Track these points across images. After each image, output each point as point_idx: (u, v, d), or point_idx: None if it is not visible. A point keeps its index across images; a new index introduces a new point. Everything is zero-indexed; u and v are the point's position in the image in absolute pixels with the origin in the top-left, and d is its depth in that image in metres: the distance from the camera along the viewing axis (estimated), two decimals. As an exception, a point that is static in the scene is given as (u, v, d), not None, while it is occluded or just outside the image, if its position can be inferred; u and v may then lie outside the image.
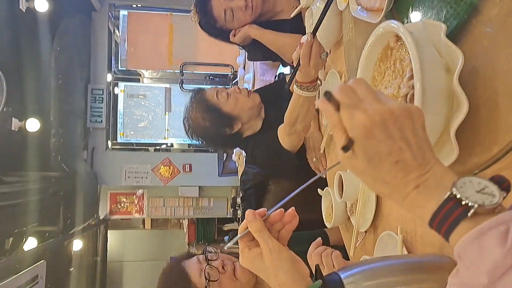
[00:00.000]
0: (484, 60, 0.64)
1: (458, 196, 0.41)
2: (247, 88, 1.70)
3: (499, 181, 0.42)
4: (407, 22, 0.81)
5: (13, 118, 2.97)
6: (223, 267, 1.10)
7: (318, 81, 1.25)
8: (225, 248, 1.07)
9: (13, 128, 2.96)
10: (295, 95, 1.27)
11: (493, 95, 0.62)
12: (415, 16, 0.79)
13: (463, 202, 0.41)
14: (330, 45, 1.39)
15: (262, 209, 0.63)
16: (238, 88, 1.65)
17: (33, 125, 3.09)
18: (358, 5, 0.98)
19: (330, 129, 0.51)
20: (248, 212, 0.61)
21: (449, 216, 0.42)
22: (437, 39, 0.66)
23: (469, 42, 0.66)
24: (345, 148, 0.46)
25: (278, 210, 0.62)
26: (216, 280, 1.08)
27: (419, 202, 0.45)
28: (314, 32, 1.11)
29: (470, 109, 0.62)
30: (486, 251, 0.38)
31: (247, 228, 0.61)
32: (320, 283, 0.61)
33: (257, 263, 0.61)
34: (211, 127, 1.63)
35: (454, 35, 0.67)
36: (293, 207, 0.64)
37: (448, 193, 0.42)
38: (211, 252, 1.12)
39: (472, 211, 0.40)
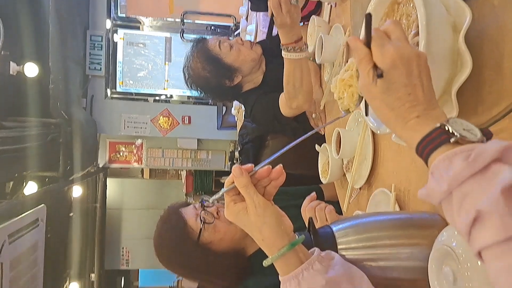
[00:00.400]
0: (492, 20, 0.62)
1: (446, 126, 0.49)
2: (250, 41, 1.66)
3: (485, 133, 0.49)
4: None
5: (11, 62, 2.92)
6: (217, 213, 1.13)
7: (305, 45, 1.24)
8: (210, 201, 1.10)
9: (11, 73, 2.93)
10: (286, 63, 1.26)
11: (498, 56, 0.61)
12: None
13: (449, 131, 0.49)
14: (336, -2, 1.35)
15: (249, 164, 0.63)
16: (241, 40, 1.62)
17: (31, 70, 3.04)
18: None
19: (357, 62, 0.58)
20: (235, 167, 0.62)
21: (435, 140, 0.50)
22: (447, -5, 0.64)
23: (479, 0, 0.64)
24: (379, 76, 0.54)
25: (266, 166, 0.63)
26: (211, 223, 1.11)
27: (415, 128, 0.52)
28: None
29: (474, 70, 0.61)
30: (452, 165, 0.45)
31: (233, 182, 0.62)
32: (303, 238, 0.63)
33: (242, 217, 0.63)
34: (211, 77, 1.60)
35: (464, -8, 0.65)
36: (281, 164, 0.64)
37: (439, 124, 0.50)
38: (207, 201, 1.15)
39: (454, 139, 0.48)
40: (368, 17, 0.56)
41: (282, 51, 1.23)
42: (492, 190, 0.41)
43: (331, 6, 1.49)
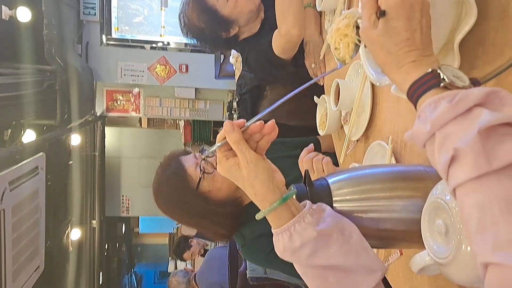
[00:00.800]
0: (503, -35, 0.59)
1: (438, 71, 0.51)
2: None
3: (474, 81, 0.51)
4: None
5: (2, 6, 2.83)
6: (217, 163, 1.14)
7: None
8: (203, 157, 1.10)
9: (3, 17, 2.84)
10: None
11: (505, 5, 0.58)
12: None
13: (440, 76, 0.51)
14: None
15: (241, 120, 0.63)
16: None
17: (24, 14, 2.95)
18: None
19: (361, 5, 0.58)
20: (226, 123, 0.62)
21: (426, 83, 0.51)
22: None
23: None
24: (382, 14, 0.55)
25: (258, 122, 0.62)
26: (210, 173, 1.12)
27: (409, 72, 0.54)
28: None
29: (478, 19, 0.59)
30: (437, 108, 0.47)
31: (225, 138, 0.62)
32: (294, 192, 0.63)
33: (234, 172, 0.63)
34: (206, 28, 1.56)
35: None
36: (273, 120, 0.64)
37: (431, 69, 0.52)
38: (206, 150, 1.16)
39: (443, 83, 0.50)
40: None
41: None
42: (471, 131, 0.42)
43: None
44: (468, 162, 0.42)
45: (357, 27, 0.65)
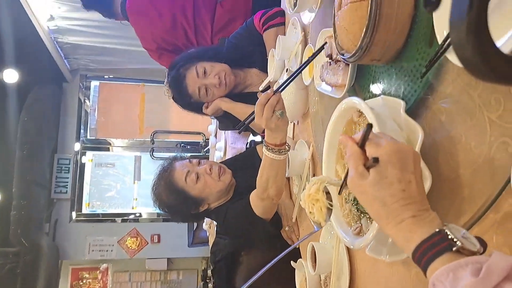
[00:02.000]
0: (442, 133, 0.66)
1: (447, 232, 0.47)
2: (220, 166, 1.61)
3: (480, 241, 0.48)
4: (369, 97, 0.85)
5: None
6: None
7: (286, 146, 1.25)
8: None
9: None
10: (264, 157, 1.27)
11: (455, 166, 0.64)
12: (376, 91, 0.83)
13: (450, 237, 0.47)
14: (298, 117, 1.43)
15: None
16: (210, 169, 1.58)
17: (-8, 197, 2.95)
18: (322, 81, 1.02)
19: (346, 158, 0.57)
20: None
21: (436, 246, 0.47)
22: (398, 114, 0.68)
23: (428, 117, 0.69)
24: (375, 161, 0.53)
25: None
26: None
27: (411, 229, 0.50)
28: (275, 90, 1.09)
29: (434, 182, 0.63)
30: (459, 279, 0.42)
31: None
32: None
33: None
34: (176, 206, 1.60)
35: (413, 110, 0.71)
36: None
37: (438, 229, 0.48)
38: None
39: (456, 247, 0.46)
40: (369, 127, 0.56)
41: (264, 148, 1.23)
42: None
43: (294, 124, 1.57)
44: None
45: (327, 193, 0.69)
